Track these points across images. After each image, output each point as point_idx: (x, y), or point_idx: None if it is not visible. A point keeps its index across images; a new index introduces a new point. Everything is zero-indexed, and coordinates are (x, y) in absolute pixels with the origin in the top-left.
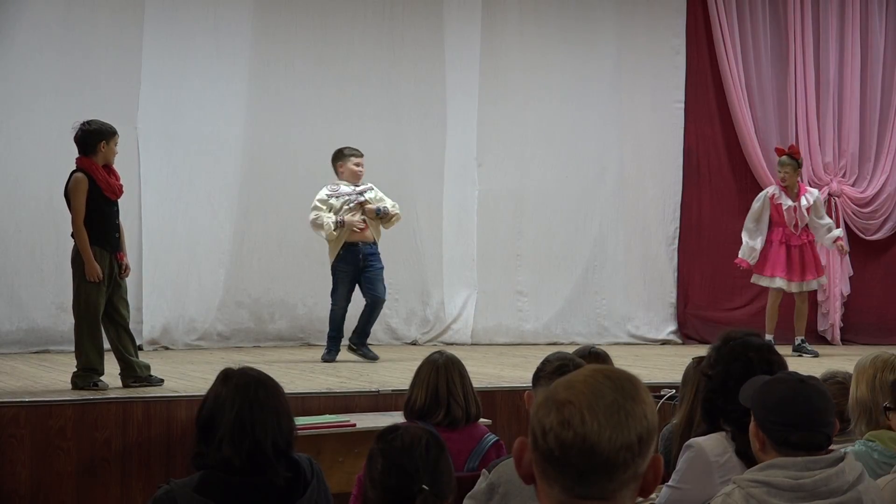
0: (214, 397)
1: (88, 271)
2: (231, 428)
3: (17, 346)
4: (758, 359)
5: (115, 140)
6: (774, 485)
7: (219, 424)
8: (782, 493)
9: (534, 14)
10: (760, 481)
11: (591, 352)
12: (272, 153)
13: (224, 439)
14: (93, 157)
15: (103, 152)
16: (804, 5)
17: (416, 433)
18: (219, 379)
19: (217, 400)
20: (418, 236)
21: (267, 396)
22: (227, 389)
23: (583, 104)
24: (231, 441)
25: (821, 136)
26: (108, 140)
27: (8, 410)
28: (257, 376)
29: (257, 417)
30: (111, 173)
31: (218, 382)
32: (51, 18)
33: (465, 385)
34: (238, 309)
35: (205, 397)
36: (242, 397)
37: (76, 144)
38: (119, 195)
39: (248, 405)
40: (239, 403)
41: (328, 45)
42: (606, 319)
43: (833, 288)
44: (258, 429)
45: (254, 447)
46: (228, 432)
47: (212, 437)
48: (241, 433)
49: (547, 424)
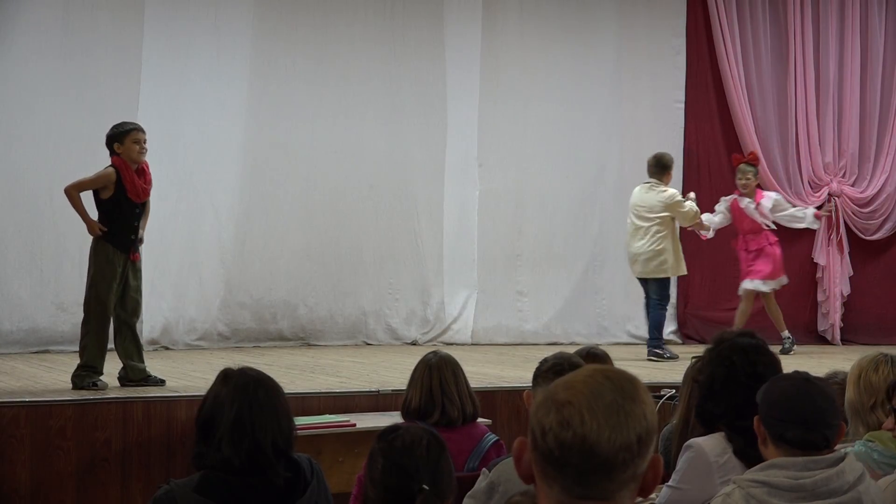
0: (214, 397)
1: (89, 228)
2: (230, 428)
3: (17, 346)
4: (741, 361)
5: (131, 138)
6: (774, 485)
7: (218, 424)
8: (782, 494)
9: (534, 14)
10: (760, 481)
11: (590, 352)
12: (273, 153)
13: (224, 439)
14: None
15: (120, 153)
16: (804, 5)
17: (416, 433)
18: (218, 379)
19: (216, 400)
20: (419, 236)
21: (266, 396)
22: (226, 389)
23: (583, 104)
24: (231, 441)
25: (821, 136)
26: (120, 140)
27: (8, 410)
28: (257, 376)
29: (257, 417)
30: (143, 175)
31: (217, 382)
32: (50, 19)
33: (460, 384)
34: (239, 309)
35: (204, 397)
36: (242, 397)
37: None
38: (143, 198)
39: (247, 405)
40: (238, 403)
41: (329, 44)
42: (606, 319)
43: (833, 288)
44: (258, 429)
45: (253, 447)
46: (228, 432)
47: (211, 437)
48: (240, 433)
49: (546, 424)
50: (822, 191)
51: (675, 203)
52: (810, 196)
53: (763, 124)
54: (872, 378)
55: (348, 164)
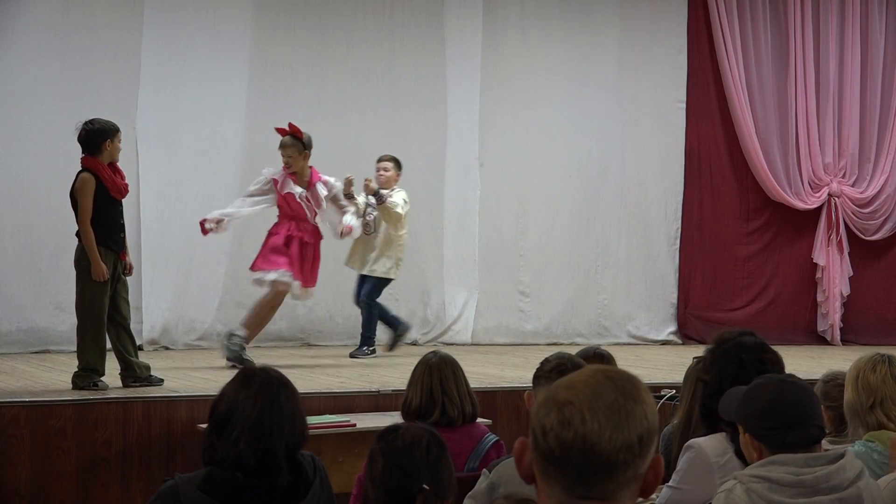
0: (235, 394)
1: (95, 271)
2: (251, 426)
3: (17, 346)
4: (751, 359)
5: (118, 137)
6: (776, 480)
7: (236, 421)
8: (783, 489)
9: (535, 13)
10: (762, 477)
11: (594, 353)
12: (272, 153)
13: (242, 437)
14: (98, 157)
15: (108, 151)
16: (804, 5)
17: (416, 433)
18: (240, 376)
19: (237, 397)
20: (419, 236)
21: (287, 398)
22: (249, 388)
23: (584, 104)
24: (248, 439)
25: (821, 136)
26: (111, 138)
27: (8, 410)
28: (279, 377)
29: (276, 419)
30: (116, 172)
31: (239, 380)
32: (50, 19)
33: (460, 384)
34: (238, 309)
35: (222, 392)
36: (265, 398)
37: (80, 144)
38: (124, 195)
39: (269, 406)
40: (261, 403)
41: (328, 45)
42: (607, 320)
43: (833, 288)
44: (275, 430)
45: (267, 448)
46: (248, 430)
47: (227, 433)
48: (259, 433)
49: (547, 424)
50: (822, 191)
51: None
52: (810, 196)
53: (763, 124)
54: (870, 378)
55: (348, 163)
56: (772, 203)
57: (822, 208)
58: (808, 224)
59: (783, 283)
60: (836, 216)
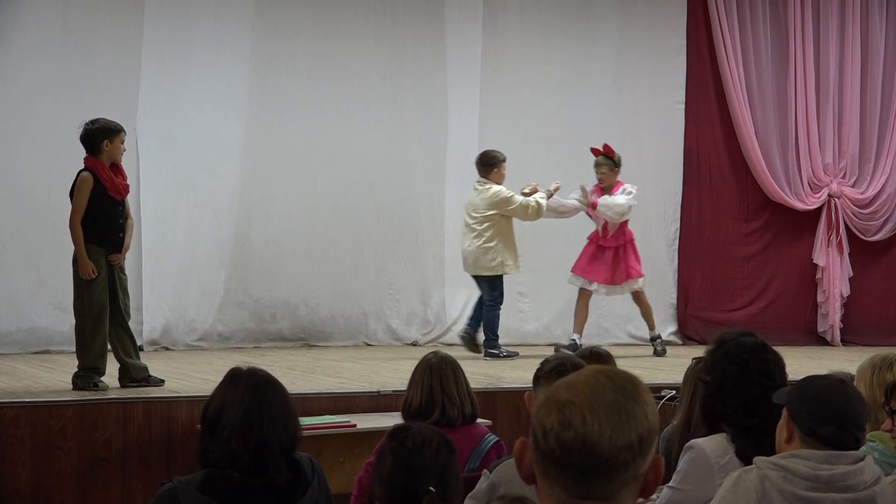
0: (223, 394)
1: (81, 268)
2: (240, 424)
3: (17, 346)
4: (753, 360)
5: (119, 138)
6: (792, 471)
7: (226, 421)
8: (798, 481)
9: (535, 14)
10: (780, 465)
11: (594, 352)
12: (273, 153)
13: (232, 435)
14: (98, 157)
15: (107, 151)
16: (804, 6)
17: (427, 434)
18: (227, 377)
19: (225, 397)
20: (419, 236)
21: (275, 397)
22: (236, 388)
23: (584, 104)
24: (239, 436)
25: (821, 136)
26: (111, 138)
27: (8, 411)
28: (266, 376)
29: (266, 415)
30: (118, 173)
31: (227, 381)
32: (50, 19)
33: (460, 384)
34: (239, 309)
35: (212, 395)
36: (252, 396)
37: (82, 144)
38: (125, 195)
39: (257, 403)
40: (248, 401)
41: (329, 44)
42: (607, 320)
43: (833, 289)
44: (266, 426)
45: (260, 444)
46: (237, 428)
47: (218, 433)
48: (249, 429)
49: (548, 424)
50: (822, 192)
51: (501, 200)
52: (810, 197)
53: (763, 125)
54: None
55: (349, 164)
56: (771, 204)
57: (822, 209)
58: (807, 225)
59: (783, 283)
60: (836, 217)
